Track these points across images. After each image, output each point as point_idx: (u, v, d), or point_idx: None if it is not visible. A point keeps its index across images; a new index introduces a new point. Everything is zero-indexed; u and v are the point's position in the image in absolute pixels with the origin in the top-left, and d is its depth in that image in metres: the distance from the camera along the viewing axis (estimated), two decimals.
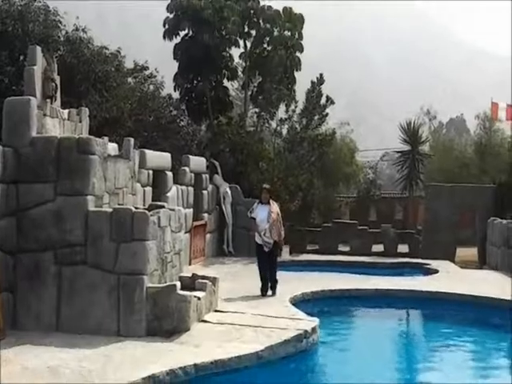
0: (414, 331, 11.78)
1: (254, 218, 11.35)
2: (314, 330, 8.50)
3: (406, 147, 25.43)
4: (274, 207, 11.46)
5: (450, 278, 14.64)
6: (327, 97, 20.91)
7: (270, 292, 11.26)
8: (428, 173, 27.21)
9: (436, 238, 18.68)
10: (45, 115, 8.93)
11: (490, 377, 8.39)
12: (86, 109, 10.55)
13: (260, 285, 11.25)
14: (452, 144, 32.38)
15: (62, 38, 16.80)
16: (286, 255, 18.38)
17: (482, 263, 18.48)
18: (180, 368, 6.68)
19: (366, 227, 19.76)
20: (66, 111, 9.79)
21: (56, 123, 9.26)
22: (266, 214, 11.23)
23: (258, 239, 11.34)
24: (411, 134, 25.19)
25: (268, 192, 11.60)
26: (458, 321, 11.55)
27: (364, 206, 27.41)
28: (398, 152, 26.32)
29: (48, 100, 9.08)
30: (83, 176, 8.24)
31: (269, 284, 11.28)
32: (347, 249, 19.17)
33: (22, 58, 14.86)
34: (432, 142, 31.73)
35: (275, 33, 21.48)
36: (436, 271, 15.74)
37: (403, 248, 19.25)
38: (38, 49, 9.08)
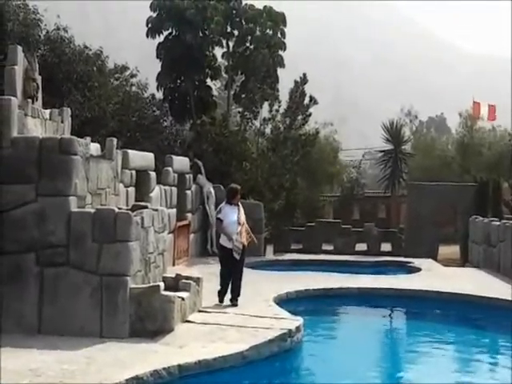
0: (396, 329, 11.86)
1: (221, 220, 10.35)
2: (298, 329, 8.52)
3: (389, 146, 25.62)
4: (241, 209, 10.55)
5: (433, 275, 14.76)
6: (310, 97, 20.97)
7: (225, 304, 10.04)
8: (410, 172, 27.41)
9: (418, 237, 18.83)
10: (26, 115, 8.86)
11: (471, 373, 8.47)
12: (68, 109, 10.49)
13: (219, 289, 10.21)
14: (434, 143, 32.64)
15: (42, 37, 16.66)
16: (270, 255, 18.43)
17: (464, 261, 18.67)
18: (164, 369, 6.65)
19: (349, 226, 19.86)
20: (48, 111, 9.72)
21: (37, 123, 9.19)
22: (236, 216, 10.27)
23: (224, 242, 10.30)
24: (394, 133, 25.39)
25: (238, 193, 10.62)
26: (440, 318, 11.67)
27: (347, 205, 27.53)
28: (381, 151, 26.52)
29: (29, 100, 9.01)
30: (65, 176, 8.17)
31: (226, 294, 10.14)
32: (331, 248, 19.26)
33: (1, 57, 14.71)
34: (414, 142, 31.96)
35: (257, 32, 21.50)
36: (419, 269, 15.87)
37: (386, 247, 19.39)
38: (19, 48, 9.00)
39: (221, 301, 10.10)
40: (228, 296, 10.15)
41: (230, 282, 10.16)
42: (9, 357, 6.89)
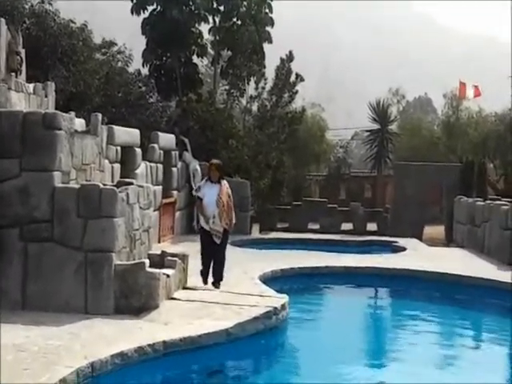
0: (381, 308, 11.98)
1: (201, 198, 9.55)
2: (283, 306, 8.55)
3: (376, 126, 25.64)
4: (225, 188, 9.55)
5: (418, 255, 14.87)
6: (297, 74, 20.86)
7: (208, 286, 9.48)
8: (397, 151, 27.49)
9: (404, 216, 18.92)
10: (9, 89, 8.71)
11: (454, 351, 8.59)
12: (53, 83, 10.33)
13: (201, 269, 9.66)
14: (420, 123, 32.70)
15: (27, 11, 16.33)
16: (256, 233, 18.44)
17: (449, 241, 18.82)
18: (149, 345, 6.64)
19: (335, 206, 19.90)
20: (32, 85, 9.56)
21: (21, 97, 9.04)
22: (214, 196, 9.39)
23: (203, 223, 9.53)
24: (380, 112, 25.40)
25: (217, 169, 9.57)
26: (423, 297, 11.77)
27: (334, 184, 27.60)
28: (368, 131, 26.55)
29: (13, 74, 8.86)
30: (49, 152, 8.06)
31: (208, 278, 9.57)
32: (317, 227, 19.31)
33: None
34: (400, 122, 32.01)
35: (243, 8, 21.27)
36: (404, 249, 15.97)
37: (372, 226, 19.48)
38: (2, 21, 8.83)
39: (204, 282, 9.56)
40: (211, 278, 9.59)
41: (211, 265, 9.53)
42: None
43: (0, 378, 5.00)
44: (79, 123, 9.89)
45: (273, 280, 11.06)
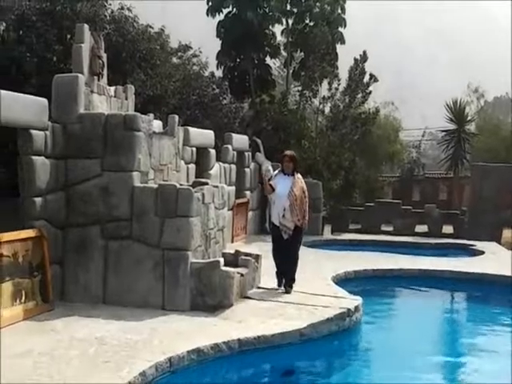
0: (458, 312, 11.62)
1: (273, 189, 9.15)
2: (357, 308, 8.48)
3: (452, 126, 24.89)
4: (299, 181, 9.11)
5: (496, 259, 14.36)
6: (370, 74, 20.60)
7: (281, 289, 9.29)
8: (474, 152, 26.60)
9: (482, 219, 18.31)
10: (92, 92, 9.04)
11: None
12: (132, 86, 10.64)
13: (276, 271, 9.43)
14: (500, 123, 31.50)
15: (108, 17, 16.91)
16: (328, 234, 18.35)
17: None
18: (224, 342, 6.76)
19: (409, 207, 19.52)
20: (113, 88, 9.89)
21: (103, 100, 9.37)
22: (287, 189, 8.94)
23: (274, 219, 9.19)
24: (457, 112, 24.63)
25: (291, 160, 9.10)
26: (503, 303, 11.34)
27: (407, 186, 27.03)
28: (443, 131, 25.82)
29: (95, 77, 9.19)
30: (129, 152, 8.34)
31: (283, 280, 9.29)
32: (390, 229, 18.99)
33: (69, 36, 15.04)
34: (479, 121, 30.95)
35: (316, 8, 21.22)
36: (482, 252, 15.46)
37: (448, 229, 18.96)
38: (86, 27, 9.17)
39: (279, 284, 9.41)
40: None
41: (284, 266, 9.25)
42: (76, 325, 7.16)
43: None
44: (157, 125, 10.16)
45: (346, 281, 10.98)
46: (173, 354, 6.23)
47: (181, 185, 8.63)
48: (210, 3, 21.27)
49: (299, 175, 9.30)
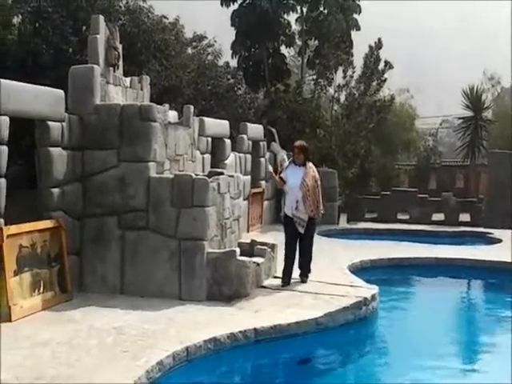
0: (475, 300, 11.57)
1: (284, 181, 9.18)
2: (373, 297, 8.48)
3: (468, 113, 24.67)
4: (311, 171, 8.99)
5: None
6: (385, 61, 20.43)
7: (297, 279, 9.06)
8: (491, 140, 26.34)
9: (499, 207, 18.15)
10: (108, 83, 9.08)
11: None
12: (147, 77, 10.65)
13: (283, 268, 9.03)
14: None
15: (123, 8, 16.90)
16: (343, 223, 18.32)
17: None
18: (240, 332, 6.79)
19: (426, 195, 19.41)
20: (128, 79, 9.92)
21: (119, 91, 9.41)
22: (299, 180, 8.86)
23: (287, 210, 9.06)
24: (474, 99, 24.39)
25: (302, 151, 9.01)
26: None
27: (423, 174, 26.87)
28: (460, 118, 25.60)
29: (111, 68, 9.21)
30: (145, 143, 8.38)
31: (292, 273, 9.04)
32: (406, 217, 18.91)
33: (84, 28, 15.08)
34: (496, 108, 30.62)
35: None
36: (499, 240, 15.35)
37: (465, 217, 18.84)
38: (101, 18, 9.19)
39: (284, 282, 8.93)
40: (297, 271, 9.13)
41: (298, 257, 9.11)
42: (95, 315, 7.24)
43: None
44: (172, 115, 10.18)
45: (362, 270, 10.97)
46: (190, 343, 6.28)
47: (196, 175, 8.66)
48: None
49: (311, 164, 9.22)
